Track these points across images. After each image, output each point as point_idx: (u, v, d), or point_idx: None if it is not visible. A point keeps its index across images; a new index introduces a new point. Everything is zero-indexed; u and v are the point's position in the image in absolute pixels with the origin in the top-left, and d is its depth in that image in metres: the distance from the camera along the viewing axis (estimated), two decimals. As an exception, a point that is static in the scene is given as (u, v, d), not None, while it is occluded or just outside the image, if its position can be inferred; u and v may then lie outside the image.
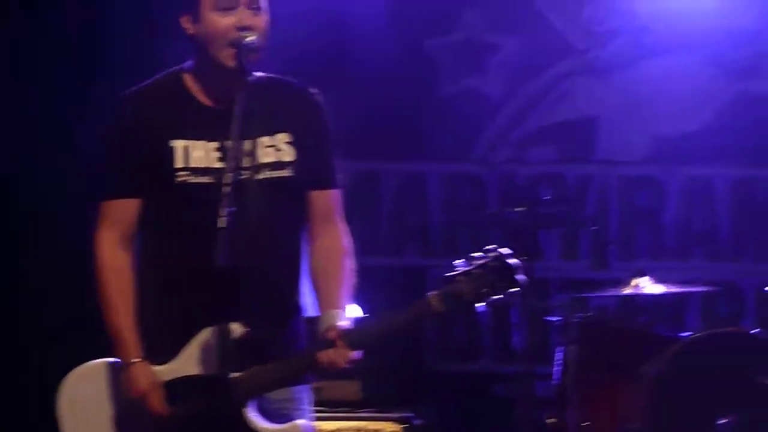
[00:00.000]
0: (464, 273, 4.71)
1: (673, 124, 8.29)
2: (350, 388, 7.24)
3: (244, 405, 4.83)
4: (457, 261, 4.76)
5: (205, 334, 4.85)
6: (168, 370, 4.89)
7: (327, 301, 4.95)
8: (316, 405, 5.20)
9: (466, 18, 8.96)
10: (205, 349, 4.86)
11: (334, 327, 4.79)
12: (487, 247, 4.76)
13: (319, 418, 6.11)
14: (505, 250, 4.76)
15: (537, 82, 9.00)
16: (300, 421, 4.93)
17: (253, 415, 4.85)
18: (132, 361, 4.87)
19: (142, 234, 5.05)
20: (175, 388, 4.90)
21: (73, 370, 5.03)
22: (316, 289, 5.02)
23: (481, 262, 4.72)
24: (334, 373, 4.96)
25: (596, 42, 8.92)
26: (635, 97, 8.81)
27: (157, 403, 4.87)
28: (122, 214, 5.02)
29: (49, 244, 8.34)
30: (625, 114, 8.89)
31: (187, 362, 4.91)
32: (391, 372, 7.86)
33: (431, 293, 4.73)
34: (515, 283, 4.73)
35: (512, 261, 4.74)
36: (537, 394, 7.91)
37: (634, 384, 7.39)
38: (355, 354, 4.78)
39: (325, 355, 4.75)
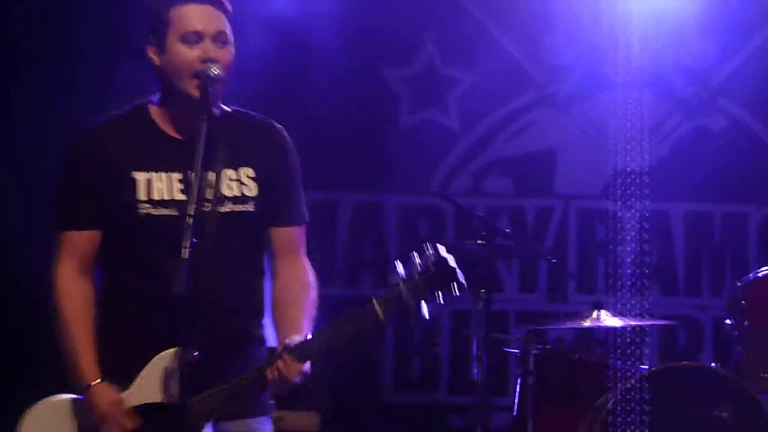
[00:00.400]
0: (404, 277, 4.63)
1: (631, 159, 8.25)
2: (308, 419, 7.26)
3: (202, 425, 4.78)
4: (397, 263, 4.64)
5: (161, 359, 4.84)
6: (126, 396, 4.86)
7: (289, 330, 4.90)
8: None
9: (426, 50, 8.96)
10: (160, 374, 4.84)
11: (283, 343, 4.76)
12: (427, 247, 4.66)
13: None
14: (443, 251, 4.60)
15: (496, 115, 8.99)
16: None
17: None
18: (91, 384, 4.86)
19: (104, 262, 5.03)
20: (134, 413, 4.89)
21: (32, 406, 4.96)
22: (279, 321, 5.01)
23: (421, 265, 4.61)
24: (289, 393, 4.92)
25: (555, 75, 8.97)
26: (594, 131, 8.85)
27: (121, 421, 4.83)
28: (81, 244, 5.03)
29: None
30: (584, 147, 8.92)
31: (144, 388, 4.89)
32: (348, 403, 7.83)
33: (374, 299, 4.65)
34: (457, 281, 4.62)
35: (452, 264, 4.61)
36: (494, 426, 7.86)
37: (590, 415, 7.38)
38: (305, 367, 4.75)
39: (274, 370, 4.72)
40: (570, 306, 8.61)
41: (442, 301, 4.64)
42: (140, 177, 4.93)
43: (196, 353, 4.74)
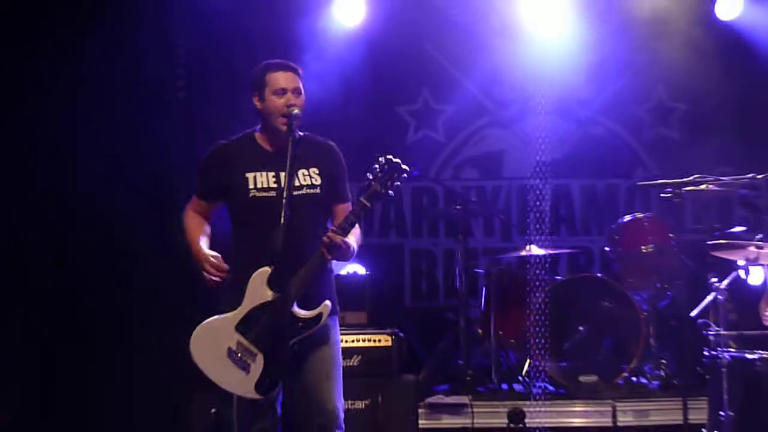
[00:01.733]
0: (373, 178, 4.87)
1: (548, 154, 8.20)
2: (360, 316, 7.20)
3: (290, 307, 4.90)
4: (367, 173, 4.88)
5: (250, 284, 4.95)
6: (240, 311, 4.96)
7: None
8: (340, 326, 5.30)
9: (423, 94, 8.99)
10: (254, 291, 4.95)
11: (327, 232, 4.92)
12: (380, 158, 4.88)
13: (342, 333, 6.20)
14: (390, 156, 4.87)
15: (465, 131, 9.04)
16: (327, 302, 5.00)
17: (298, 311, 4.94)
18: (197, 247, 5.08)
19: (234, 225, 5.16)
20: (247, 320, 4.96)
21: (198, 326, 5.00)
22: None
23: (379, 168, 4.86)
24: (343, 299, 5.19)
25: (501, 105, 8.94)
26: (524, 138, 8.78)
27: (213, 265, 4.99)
28: (199, 207, 5.23)
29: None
30: (520, 149, 8.84)
31: (247, 303, 4.97)
32: (384, 306, 7.81)
33: (361, 196, 4.88)
34: (403, 171, 4.86)
35: (396, 160, 4.87)
36: (471, 316, 7.87)
37: (527, 308, 7.42)
38: (344, 238, 4.87)
39: (325, 245, 4.87)
40: (514, 243, 8.65)
41: (397, 183, 4.87)
42: (249, 175, 5.09)
43: (271, 268, 4.90)
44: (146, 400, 7.35)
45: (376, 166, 4.91)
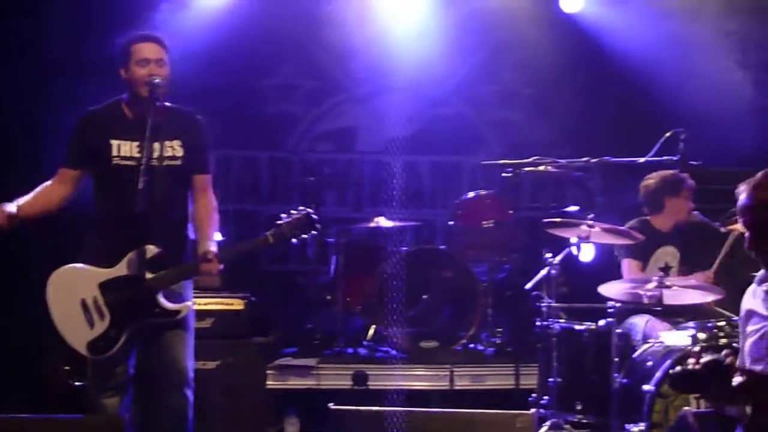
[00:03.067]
0: (286, 221, 5.06)
1: (399, 130, 8.39)
2: (214, 280, 6.60)
3: (156, 293, 4.98)
4: (282, 214, 5.07)
5: (132, 253, 4.98)
6: (110, 272, 4.99)
7: (203, 236, 5.12)
8: (194, 290, 5.35)
9: (284, 68, 8.90)
10: (132, 261, 4.99)
11: (209, 250, 4.98)
12: (300, 207, 5.06)
13: (196, 296, 6.16)
14: (310, 210, 5.06)
15: (322, 106, 9.00)
16: (189, 302, 5.11)
17: (162, 300, 5.01)
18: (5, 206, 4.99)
19: (96, 191, 5.13)
20: (113, 282, 4.99)
21: (54, 272, 5.01)
22: (197, 229, 5.17)
23: (296, 215, 5.02)
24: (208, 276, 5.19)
25: (357, 82, 8.89)
26: (378, 115, 8.81)
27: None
28: (66, 174, 5.14)
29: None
30: (373, 125, 8.89)
31: (121, 269, 4.99)
32: (239, 270, 7.39)
33: (268, 232, 5.05)
34: (315, 228, 5.07)
35: (314, 216, 5.08)
36: (321, 282, 7.97)
37: (375, 276, 7.54)
38: (221, 267, 5.02)
39: (205, 266, 4.99)
40: (364, 214, 8.59)
41: (304, 236, 5.07)
42: (114, 143, 5.06)
43: (157, 249, 4.93)
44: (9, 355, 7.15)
45: (294, 211, 5.09)
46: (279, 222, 5.10)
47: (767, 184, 3.88)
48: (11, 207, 5.02)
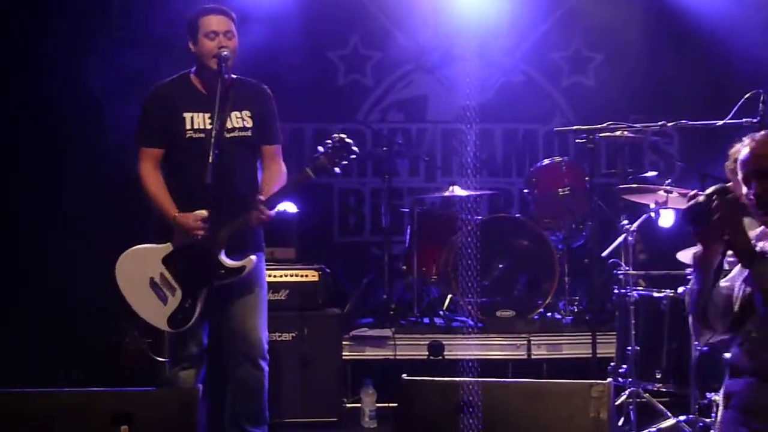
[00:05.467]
0: (323, 153, 4.97)
1: (471, 99, 7.94)
2: (289, 252, 7.09)
3: (217, 254, 4.94)
4: (319, 146, 4.99)
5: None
6: (169, 245, 5.02)
7: (262, 193, 5.07)
8: (267, 262, 5.40)
9: (352, 39, 8.82)
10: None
11: (255, 200, 4.94)
12: (333, 135, 4.98)
13: (270, 268, 6.30)
14: (343, 136, 4.98)
15: (392, 76, 8.90)
16: (252, 257, 5.04)
17: (224, 259, 4.98)
18: (175, 215, 4.98)
19: (169, 164, 5.15)
20: (174, 254, 5.02)
21: (124, 252, 5.06)
22: (261, 191, 5.11)
23: (331, 144, 4.95)
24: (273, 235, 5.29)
25: (425, 52, 8.79)
26: (449, 84, 8.73)
27: (197, 223, 4.93)
28: (153, 155, 5.11)
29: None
30: (444, 93, 8.79)
31: (178, 240, 5.01)
32: (313, 242, 7.79)
33: (308, 167, 4.99)
34: (353, 152, 4.99)
35: (348, 140, 4.98)
36: (395, 253, 7.93)
37: (448, 247, 7.50)
38: (271, 213, 4.98)
39: (254, 215, 4.94)
40: (438, 184, 8.58)
41: (345, 162, 4.96)
42: (187, 115, 5.07)
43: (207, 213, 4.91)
44: (86, 331, 7.20)
45: (329, 141, 5.00)
46: (316, 155, 5.03)
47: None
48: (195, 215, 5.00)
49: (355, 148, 5.01)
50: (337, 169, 5.03)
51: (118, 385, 4.90)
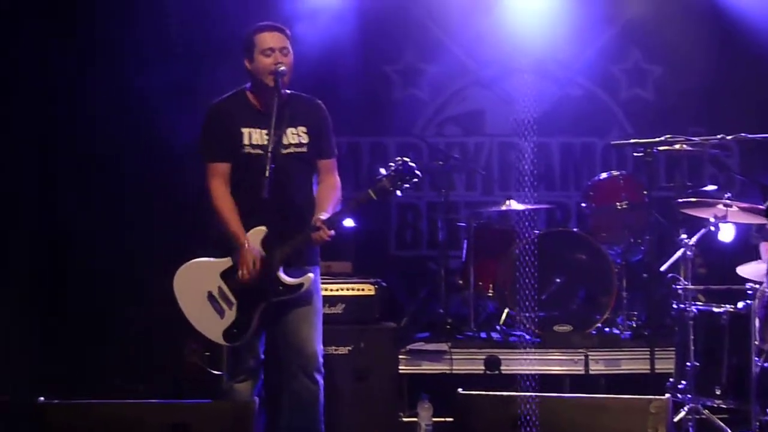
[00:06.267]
0: (386, 175, 4.98)
1: (528, 112, 8.16)
2: (345, 266, 7.13)
3: (276, 270, 4.96)
4: (381, 168, 5.01)
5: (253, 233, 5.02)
6: (228, 260, 5.04)
7: (319, 209, 5.07)
8: (324, 275, 5.44)
9: (408, 53, 8.78)
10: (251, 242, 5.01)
11: (317, 218, 4.94)
12: (397, 158, 4.97)
13: (327, 282, 6.33)
14: (407, 159, 4.95)
15: (449, 90, 8.86)
16: (310, 274, 5.06)
17: (283, 276, 5.00)
18: (243, 242, 4.99)
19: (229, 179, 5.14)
20: (233, 269, 5.01)
21: (182, 266, 5.10)
22: (316, 205, 5.12)
23: (394, 167, 4.95)
24: (331, 248, 5.23)
25: (483, 65, 8.75)
26: (506, 98, 8.66)
27: (250, 266, 4.95)
28: (221, 170, 5.13)
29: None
30: (501, 107, 8.71)
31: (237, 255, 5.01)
32: (369, 256, 7.83)
33: (370, 188, 4.99)
34: (416, 176, 4.98)
35: (412, 164, 4.97)
36: (452, 267, 7.90)
37: (505, 260, 7.46)
38: (331, 233, 4.97)
39: (315, 234, 4.94)
40: (494, 198, 8.51)
41: (407, 186, 4.96)
42: (245, 131, 5.10)
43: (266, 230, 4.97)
44: (147, 343, 7.32)
45: (392, 164, 5.02)
46: (379, 177, 5.04)
47: None
48: (253, 248, 5.03)
49: (417, 172, 5.02)
50: (398, 192, 5.04)
51: (179, 398, 4.93)
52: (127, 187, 7.62)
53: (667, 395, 4.22)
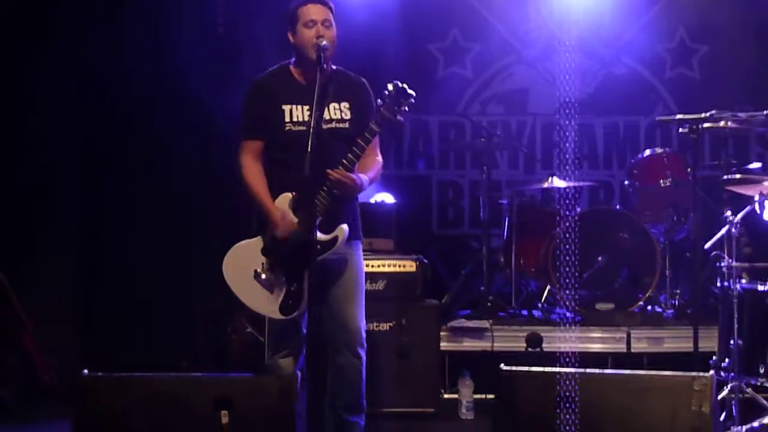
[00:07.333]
0: (382, 104, 4.88)
1: (572, 93, 8.06)
2: (387, 243, 7.10)
3: (311, 233, 4.85)
4: (377, 99, 4.91)
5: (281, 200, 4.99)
6: (264, 236, 5.01)
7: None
8: (365, 252, 5.34)
9: (452, 31, 8.77)
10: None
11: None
12: (388, 84, 4.87)
13: (368, 259, 6.24)
14: (397, 82, 4.87)
15: (492, 68, 8.81)
16: (343, 226, 4.98)
17: (319, 235, 4.91)
18: (271, 210, 4.96)
19: (270, 156, 5.12)
20: (271, 244, 4.99)
21: (232, 248, 5.06)
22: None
23: (387, 94, 4.87)
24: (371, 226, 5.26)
25: (526, 44, 8.71)
26: (549, 77, 8.63)
27: (289, 223, 4.94)
28: (254, 147, 5.09)
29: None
30: (544, 87, 8.70)
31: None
32: (411, 234, 7.81)
33: (371, 123, 4.90)
34: (410, 96, 4.88)
35: (403, 85, 4.88)
36: (494, 245, 7.85)
37: (548, 239, 7.43)
38: (352, 176, 4.88)
39: (333, 177, 4.88)
40: (537, 176, 8.44)
41: (405, 108, 4.88)
42: (286, 108, 5.05)
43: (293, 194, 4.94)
44: (191, 321, 7.42)
45: (385, 92, 4.91)
46: (376, 108, 4.95)
47: None
48: (283, 214, 5.02)
49: (411, 92, 4.91)
50: (399, 117, 4.95)
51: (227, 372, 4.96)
52: (174, 167, 7.62)
53: (711, 372, 4.14)
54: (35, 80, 7.34)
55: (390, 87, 4.91)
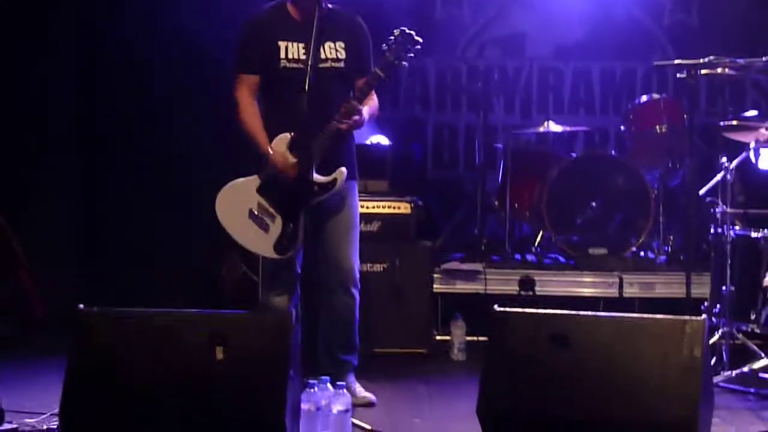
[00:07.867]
0: (387, 49, 4.88)
1: (568, 36, 8.18)
2: (382, 184, 7.01)
3: (308, 173, 4.89)
4: (383, 44, 4.88)
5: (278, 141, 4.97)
6: (260, 175, 5.00)
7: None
8: (361, 193, 5.35)
9: None
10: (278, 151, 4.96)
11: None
12: (395, 30, 4.86)
13: (363, 200, 6.05)
14: (404, 28, 4.86)
15: (490, 11, 8.70)
16: (342, 168, 4.99)
17: (316, 176, 4.93)
18: (267, 149, 4.96)
19: (264, 93, 5.11)
20: (267, 182, 4.99)
21: (223, 187, 5.05)
22: None
23: (393, 39, 4.86)
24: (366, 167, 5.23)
25: None
26: (547, 21, 8.51)
27: (289, 163, 4.92)
28: (249, 82, 5.07)
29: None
30: (542, 31, 8.60)
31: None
32: (406, 176, 7.72)
33: (375, 68, 4.91)
34: (416, 42, 4.88)
35: (410, 32, 4.87)
36: (488, 188, 7.77)
37: (541, 182, 7.41)
38: (354, 117, 4.88)
39: (343, 110, 4.89)
40: (533, 120, 8.37)
41: (411, 54, 4.85)
42: (282, 44, 5.01)
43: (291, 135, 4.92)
44: (183, 258, 7.38)
45: (391, 37, 4.89)
46: (382, 53, 4.94)
47: None
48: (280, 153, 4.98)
49: (418, 38, 4.90)
50: (404, 63, 4.93)
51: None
52: (174, 107, 7.54)
53: (703, 316, 4.15)
54: (35, 80, 7.33)
55: (396, 33, 4.89)
